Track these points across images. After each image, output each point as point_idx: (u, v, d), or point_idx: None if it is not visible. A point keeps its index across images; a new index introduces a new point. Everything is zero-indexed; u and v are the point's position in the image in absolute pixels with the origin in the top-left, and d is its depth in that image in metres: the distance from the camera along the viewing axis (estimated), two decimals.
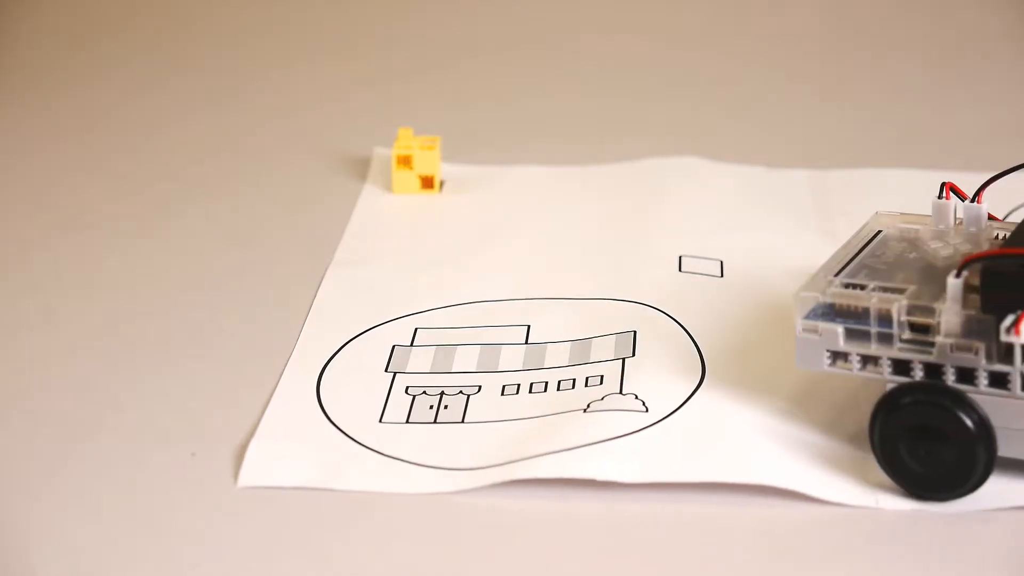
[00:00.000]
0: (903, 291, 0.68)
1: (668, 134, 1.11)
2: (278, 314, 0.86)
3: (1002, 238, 0.73)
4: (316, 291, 0.88)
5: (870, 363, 0.68)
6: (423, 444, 0.73)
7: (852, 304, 0.68)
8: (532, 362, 0.79)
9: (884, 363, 0.68)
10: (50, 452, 0.74)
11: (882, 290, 0.69)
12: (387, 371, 0.79)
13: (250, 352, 0.82)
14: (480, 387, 0.77)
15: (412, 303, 0.86)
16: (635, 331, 0.80)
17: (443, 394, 0.77)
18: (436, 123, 1.09)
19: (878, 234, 0.75)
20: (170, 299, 0.89)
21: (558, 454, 0.70)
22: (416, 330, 0.83)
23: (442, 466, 0.71)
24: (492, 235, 0.95)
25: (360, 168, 1.06)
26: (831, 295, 0.69)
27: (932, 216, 0.75)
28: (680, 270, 0.88)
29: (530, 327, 0.82)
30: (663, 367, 0.77)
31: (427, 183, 1.01)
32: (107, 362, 0.82)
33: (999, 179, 0.74)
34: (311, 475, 0.71)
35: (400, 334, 0.83)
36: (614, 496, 0.68)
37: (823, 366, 0.69)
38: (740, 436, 0.71)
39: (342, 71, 1.27)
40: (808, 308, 0.69)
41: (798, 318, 0.69)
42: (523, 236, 0.95)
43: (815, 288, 0.70)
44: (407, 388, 0.77)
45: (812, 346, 0.69)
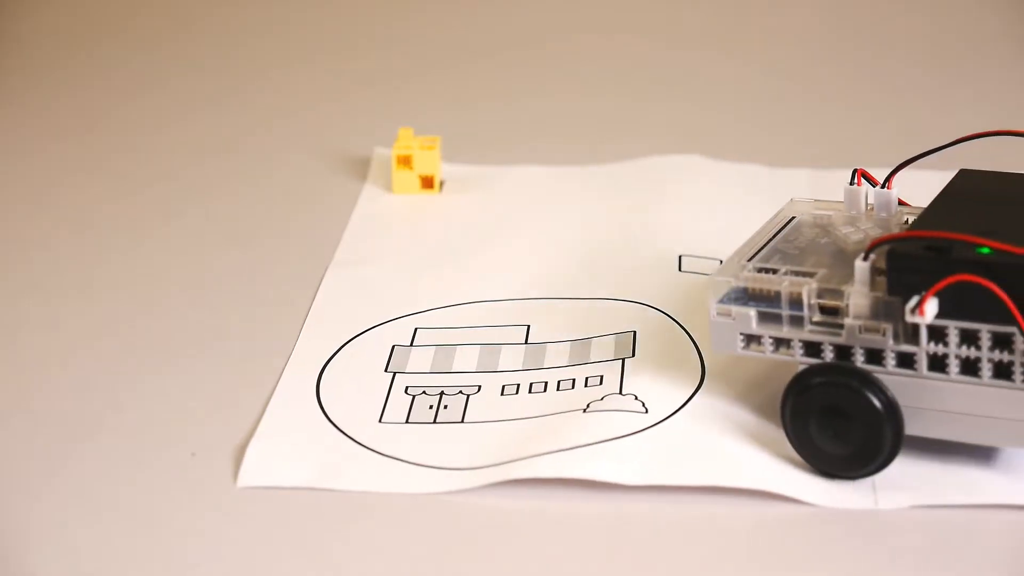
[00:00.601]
0: (814, 275, 0.70)
1: (668, 134, 1.11)
2: (278, 314, 0.86)
3: (912, 223, 0.73)
4: (316, 291, 0.88)
5: (782, 345, 0.70)
6: (423, 444, 0.73)
7: (764, 288, 0.70)
8: (532, 362, 0.79)
9: (795, 345, 0.69)
10: (50, 452, 0.74)
11: (793, 274, 0.70)
12: (387, 371, 0.79)
13: (250, 352, 0.82)
14: (480, 387, 0.77)
15: (412, 303, 0.86)
16: (635, 331, 0.80)
17: (443, 394, 0.77)
18: (436, 123, 1.09)
19: (792, 220, 0.77)
20: (170, 299, 0.89)
21: (557, 454, 0.70)
22: (416, 330, 0.83)
23: (441, 466, 0.71)
24: (492, 235, 0.95)
25: (360, 168, 1.06)
26: (744, 279, 0.70)
27: (844, 202, 0.77)
28: (680, 270, 0.88)
29: (530, 327, 0.82)
30: (663, 368, 0.77)
31: (427, 183, 1.01)
32: (107, 362, 0.82)
33: (908, 165, 0.75)
34: (311, 475, 0.71)
35: (400, 334, 0.83)
36: (614, 496, 0.68)
37: (737, 349, 0.71)
38: (739, 439, 0.71)
39: (342, 71, 1.27)
40: (722, 292, 0.71)
41: (712, 302, 0.71)
42: (523, 236, 0.95)
43: (729, 273, 0.71)
44: (407, 388, 0.77)
45: (726, 329, 0.70)
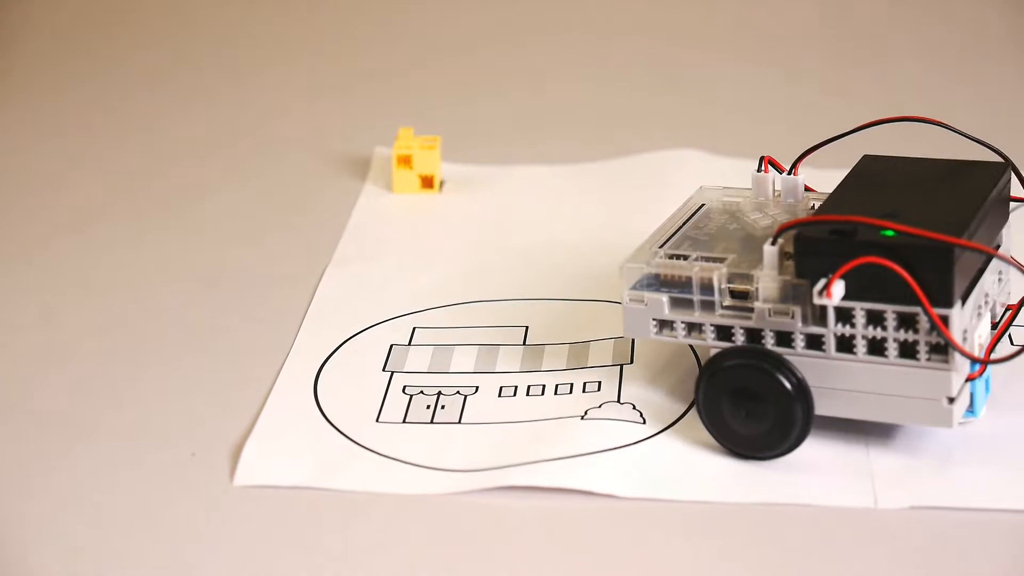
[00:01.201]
0: (724, 260, 0.71)
1: (668, 131, 1.11)
2: (277, 312, 0.86)
3: (818, 207, 0.74)
4: (315, 290, 0.88)
5: (694, 330, 0.71)
6: (420, 444, 0.73)
7: (676, 274, 0.71)
8: (530, 364, 0.79)
9: (707, 329, 0.71)
10: (50, 452, 0.74)
11: (704, 260, 0.71)
12: (384, 370, 0.79)
13: (248, 350, 0.82)
14: (477, 388, 0.77)
15: (411, 302, 0.86)
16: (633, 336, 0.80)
17: (440, 394, 0.76)
18: (436, 123, 1.09)
19: (702, 207, 0.78)
20: (169, 298, 0.89)
21: (555, 462, 0.70)
22: (414, 329, 0.83)
23: (439, 467, 0.71)
24: (491, 235, 0.95)
25: (360, 167, 1.06)
26: (656, 265, 0.72)
27: (752, 189, 0.78)
28: None
29: (528, 328, 0.82)
30: (661, 375, 0.77)
31: (427, 183, 1.01)
32: (106, 361, 0.82)
33: (814, 151, 0.76)
34: (308, 474, 0.71)
35: (398, 333, 0.83)
36: (613, 496, 0.69)
37: (650, 334, 0.72)
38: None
39: (342, 70, 1.27)
40: (634, 279, 0.72)
41: (624, 289, 0.72)
42: (523, 236, 0.95)
43: (640, 259, 0.72)
44: (404, 387, 0.77)
45: (638, 315, 0.72)
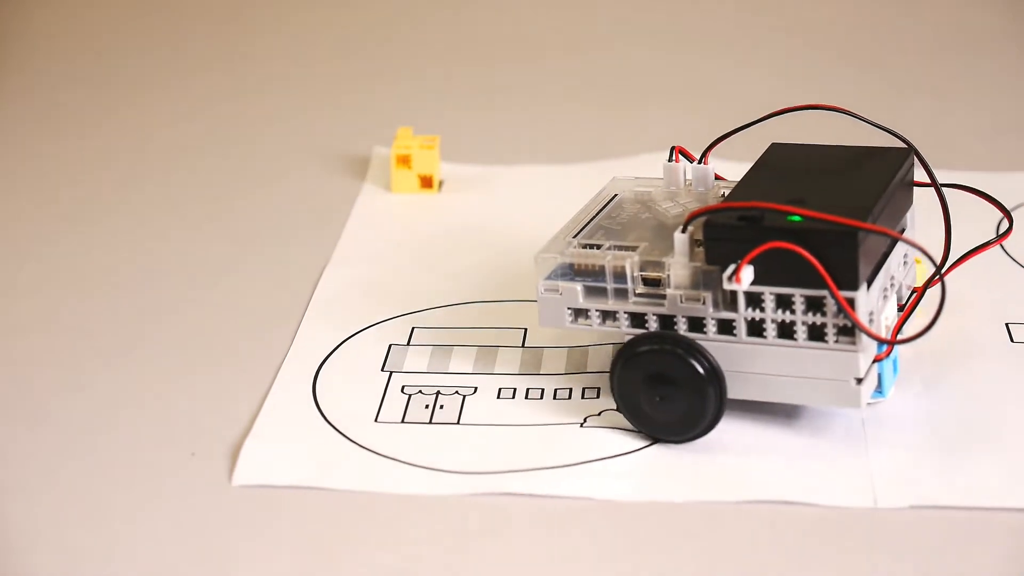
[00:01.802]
0: (636, 248, 0.72)
1: (668, 131, 1.11)
2: (276, 312, 0.86)
3: (726, 195, 0.75)
4: (314, 289, 0.88)
5: (609, 318, 0.72)
6: (419, 444, 0.73)
7: (589, 263, 0.72)
8: (529, 366, 0.79)
9: (621, 317, 0.72)
10: (50, 452, 0.74)
11: (617, 248, 0.72)
12: (383, 370, 0.79)
13: (247, 349, 0.82)
14: (476, 388, 0.77)
15: (410, 302, 0.86)
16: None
17: (439, 394, 0.76)
18: (435, 122, 1.09)
19: (614, 197, 0.79)
20: (169, 298, 0.89)
21: (555, 470, 0.70)
22: (413, 329, 0.83)
23: (438, 467, 0.71)
24: (491, 235, 0.95)
25: (359, 167, 1.06)
26: (570, 255, 0.73)
27: (663, 178, 0.79)
28: None
29: (527, 330, 0.82)
30: None
31: (426, 182, 1.01)
32: (107, 362, 0.82)
33: (723, 140, 0.78)
34: (306, 474, 0.71)
35: (397, 333, 0.83)
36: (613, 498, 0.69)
37: (565, 323, 0.73)
38: (737, 452, 0.71)
39: (341, 70, 1.27)
40: (549, 269, 0.73)
41: (539, 279, 0.73)
42: (522, 236, 0.95)
43: (554, 249, 0.73)
44: (403, 387, 0.77)
45: (554, 305, 0.73)
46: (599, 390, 0.76)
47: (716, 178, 0.78)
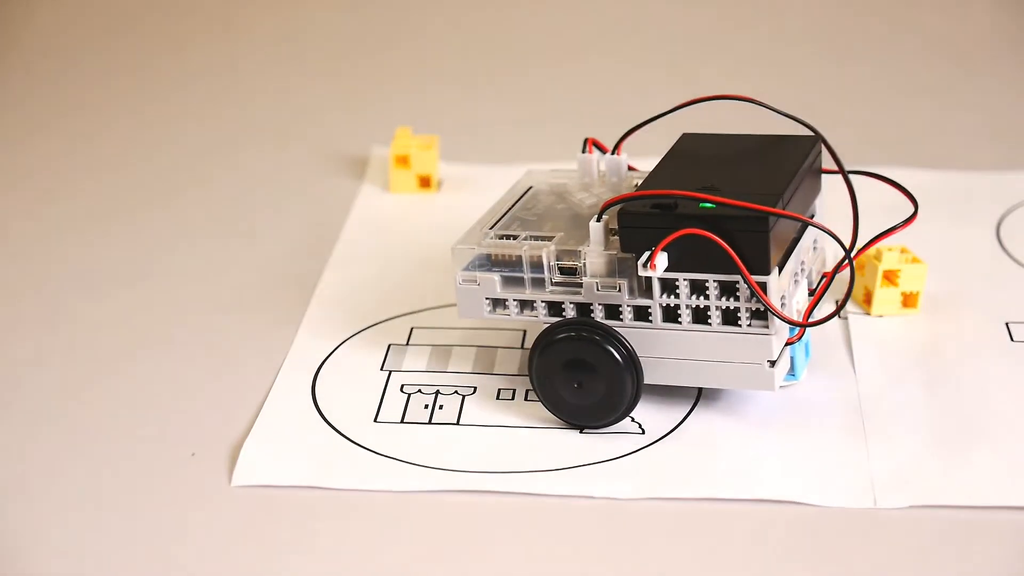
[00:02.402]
0: (552, 238, 0.73)
1: (668, 131, 1.10)
2: (275, 312, 0.86)
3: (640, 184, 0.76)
4: (313, 290, 0.88)
5: (527, 307, 0.74)
6: (418, 444, 0.73)
7: (506, 253, 0.73)
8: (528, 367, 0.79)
9: (539, 306, 0.73)
10: (50, 452, 0.74)
11: (533, 239, 0.73)
12: (382, 370, 0.79)
13: (247, 350, 0.82)
14: (475, 388, 0.77)
15: (409, 302, 0.86)
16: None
17: (438, 394, 0.76)
18: (434, 122, 1.09)
19: (530, 189, 0.80)
20: (168, 298, 0.89)
21: (555, 472, 0.70)
22: (412, 329, 0.83)
23: (437, 467, 0.71)
24: None
25: (358, 167, 1.06)
26: (487, 246, 0.74)
27: (578, 169, 0.80)
28: None
29: (526, 332, 0.82)
30: (656, 384, 0.77)
31: (425, 182, 1.01)
32: (107, 362, 0.82)
33: (635, 131, 0.79)
34: (306, 473, 0.71)
35: (396, 333, 0.83)
36: (613, 497, 0.69)
37: (483, 314, 0.74)
38: (736, 452, 0.71)
39: (340, 70, 1.27)
40: (466, 260, 0.74)
41: (457, 270, 0.73)
42: None
43: (471, 241, 0.74)
44: (402, 387, 0.77)
45: (472, 296, 0.74)
46: None
47: (629, 168, 0.80)
